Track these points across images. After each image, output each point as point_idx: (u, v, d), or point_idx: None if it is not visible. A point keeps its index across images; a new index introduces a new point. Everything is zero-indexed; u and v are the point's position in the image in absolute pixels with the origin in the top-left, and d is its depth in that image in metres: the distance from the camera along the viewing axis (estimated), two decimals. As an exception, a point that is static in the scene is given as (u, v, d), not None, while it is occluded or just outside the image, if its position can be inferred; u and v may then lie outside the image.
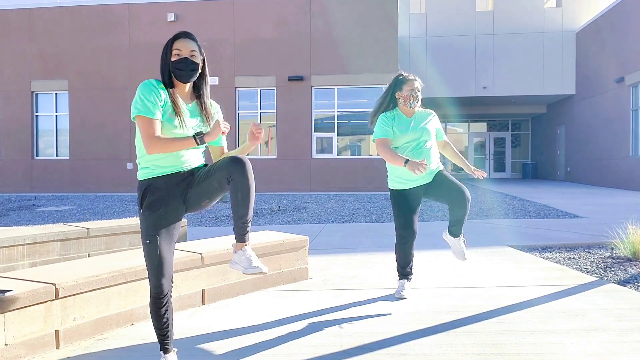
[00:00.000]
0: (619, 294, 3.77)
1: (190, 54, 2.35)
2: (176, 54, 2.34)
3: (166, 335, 2.43)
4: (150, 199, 2.41)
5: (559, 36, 19.48)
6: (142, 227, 2.41)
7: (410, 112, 3.71)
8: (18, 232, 4.70)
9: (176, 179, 2.40)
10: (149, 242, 2.36)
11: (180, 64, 2.33)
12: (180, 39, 2.36)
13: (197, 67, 2.37)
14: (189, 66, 2.34)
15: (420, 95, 3.67)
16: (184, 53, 2.34)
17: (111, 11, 16.39)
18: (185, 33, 2.39)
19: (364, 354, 2.70)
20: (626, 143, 15.66)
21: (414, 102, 3.64)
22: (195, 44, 2.38)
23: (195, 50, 2.37)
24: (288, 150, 15.78)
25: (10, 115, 16.70)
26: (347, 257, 5.37)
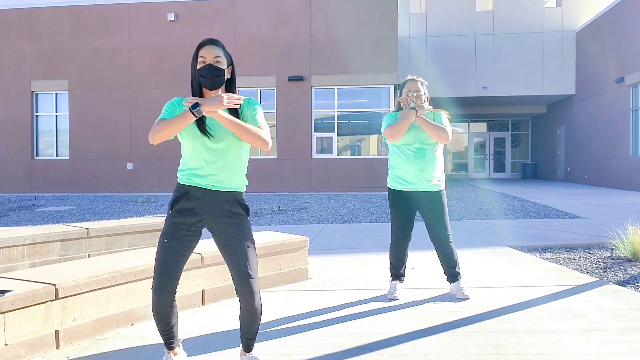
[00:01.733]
0: (619, 294, 3.77)
1: (214, 60, 2.32)
2: (201, 62, 2.32)
3: (169, 334, 2.44)
4: (185, 205, 2.35)
5: (559, 36, 19.49)
6: (164, 226, 2.38)
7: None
8: (18, 233, 4.70)
9: (216, 198, 2.33)
10: (166, 241, 2.33)
11: (204, 71, 2.30)
12: (205, 47, 2.34)
13: (222, 73, 2.33)
14: (212, 72, 2.30)
15: (417, 95, 3.61)
16: (208, 60, 2.31)
17: (111, 11, 16.39)
18: (210, 40, 2.36)
19: (364, 354, 2.70)
20: (626, 143, 15.66)
21: (410, 102, 3.63)
22: (220, 50, 2.34)
23: (220, 55, 2.33)
24: (288, 150, 15.78)
25: (10, 115, 16.70)
26: (347, 257, 5.37)
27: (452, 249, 3.74)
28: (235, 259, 2.32)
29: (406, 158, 3.66)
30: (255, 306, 2.33)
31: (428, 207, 3.70)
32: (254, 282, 2.32)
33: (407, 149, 3.66)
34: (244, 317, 2.38)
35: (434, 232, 3.72)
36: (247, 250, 2.33)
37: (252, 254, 2.35)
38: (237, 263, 2.32)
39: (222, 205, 2.35)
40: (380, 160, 15.49)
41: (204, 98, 2.28)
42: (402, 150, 3.68)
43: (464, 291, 3.73)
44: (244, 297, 2.32)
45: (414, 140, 3.64)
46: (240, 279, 2.31)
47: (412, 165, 3.64)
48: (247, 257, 2.32)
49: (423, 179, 3.65)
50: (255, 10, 15.86)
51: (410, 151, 3.64)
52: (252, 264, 2.33)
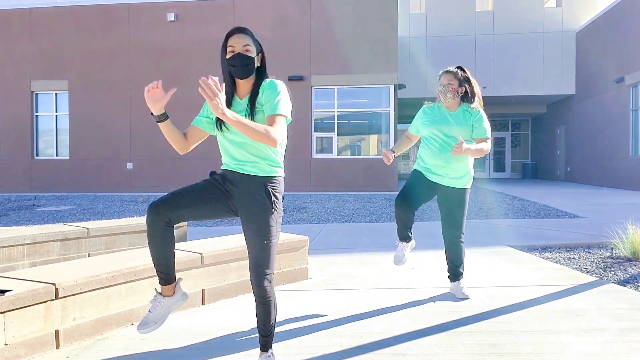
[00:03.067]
0: (619, 294, 3.77)
1: (244, 49, 2.29)
2: (230, 51, 2.30)
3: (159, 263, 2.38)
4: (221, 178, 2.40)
5: (559, 36, 19.48)
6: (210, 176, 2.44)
7: (451, 106, 3.65)
8: (18, 232, 4.70)
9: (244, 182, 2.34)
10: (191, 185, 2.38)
11: (234, 60, 2.28)
12: (234, 35, 2.30)
13: (251, 61, 2.30)
14: (242, 61, 2.28)
15: (448, 89, 3.56)
16: (237, 49, 2.28)
17: (111, 11, 16.38)
18: (238, 29, 2.33)
19: (364, 353, 2.70)
20: (626, 143, 15.66)
21: (442, 97, 3.62)
22: (249, 38, 2.32)
23: (249, 44, 2.30)
24: (288, 150, 15.50)
25: (10, 115, 16.69)
26: (347, 257, 5.37)
27: (461, 247, 3.71)
28: (253, 250, 2.31)
29: (432, 151, 3.62)
30: (267, 297, 2.31)
31: (447, 201, 3.66)
32: (268, 275, 2.30)
33: (434, 141, 3.62)
34: (258, 309, 2.35)
35: (447, 226, 3.66)
36: (266, 244, 2.30)
37: (270, 247, 2.31)
38: (253, 254, 2.31)
39: (251, 190, 2.33)
40: (380, 160, 15.47)
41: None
42: (430, 142, 3.64)
43: (463, 291, 3.72)
44: (257, 287, 2.30)
45: (437, 133, 3.61)
46: (254, 271, 2.30)
47: (437, 159, 3.60)
48: (264, 250, 2.29)
49: (448, 174, 3.60)
50: (255, 10, 15.86)
51: (438, 143, 3.60)
52: (269, 258, 2.30)
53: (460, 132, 3.56)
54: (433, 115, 3.67)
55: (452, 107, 3.66)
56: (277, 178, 2.38)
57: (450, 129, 3.58)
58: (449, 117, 3.62)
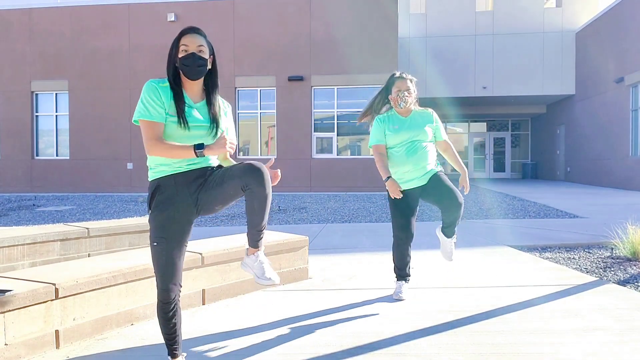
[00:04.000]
0: (619, 294, 3.77)
1: (197, 49, 2.25)
2: (183, 50, 2.25)
3: (174, 341, 2.34)
4: (159, 199, 2.28)
5: (559, 36, 19.49)
6: (150, 228, 2.30)
7: (404, 111, 3.70)
8: (18, 232, 4.70)
9: (186, 178, 2.28)
10: (156, 244, 2.26)
11: (187, 60, 2.24)
12: (188, 35, 2.27)
13: (205, 63, 2.27)
14: (196, 62, 2.24)
15: (408, 94, 3.61)
16: (191, 48, 2.25)
17: (111, 11, 16.39)
18: (192, 28, 2.30)
19: (364, 353, 2.70)
20: (626, 143, 15.66)
21: (402, 103, 3.62)
22: (203, 39, 2.28)
23: (203, 45, 2.27)
24: (288, 150, 15.78)
25: (11, 115, 16.70)
26: (347, 257, 5.37)
27: (461, 212, 3.65)
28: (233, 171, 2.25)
29: (399, 158, 3.64)
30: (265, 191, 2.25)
31: (430, 189, 3.65)
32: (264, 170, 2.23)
33: (398, 149, 3.65)
34: (254, 203, 2.26)
35: (453, 201, 3.56)
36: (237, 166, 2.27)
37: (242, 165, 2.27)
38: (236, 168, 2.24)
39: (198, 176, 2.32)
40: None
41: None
42: (394, 151, 3.66)
43: (452, 254, 3.80)
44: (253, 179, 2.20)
45: (403, 139, 3.63)
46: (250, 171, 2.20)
47: (406, 165, 3.62)
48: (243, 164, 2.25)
49: (418, 175, 3.64)
50: (255, 11, 15.86)
51: (402, 150, 3.63)
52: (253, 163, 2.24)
53: (423, 134, 3.64)
54: (392, 124, 3.67)
55: (406, 113, 3.70)
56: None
57: (414, 133, 3.63)
58: (406, 122, 3.66)
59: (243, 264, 2.40)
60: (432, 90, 18.74)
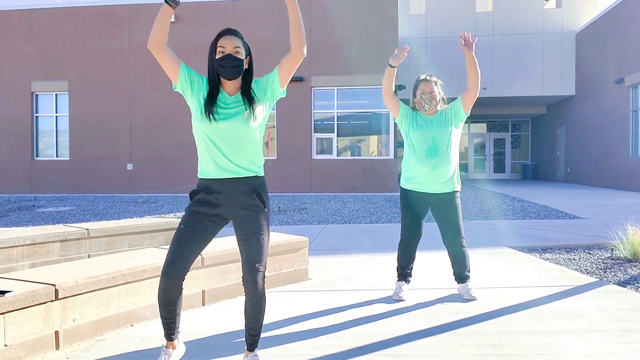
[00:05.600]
0: (619, 294, 3.77)
1: (234, 51, 2.33)
2: (220, 52, 2.33)
3: (170, 326, 2.45)
4: (203, 197, 2.41)
5: (559, 37, 19.49)
6: (183, 216, 2.44)
7: (430, 112, 3.67)
8: (18, 233, 4.70)
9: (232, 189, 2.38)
10: (183, 226, 2.39)
11: (224, 61, 2.32)
12: (225, 36, 2.35)
13: (241, 63, 2.35)
14: (232, 62, 2.32)
15: (432, 97, 3.60)
16: (227, 50, 2.33)
17: (111, 12, 16.39)
18: (229, 30, 2.37)
19: (364, 354, 2.70)
20: (626, 144, 15.66)
21: (425, 105, 3.63)
22: (239, 40, 2.37)
23: (239, 46, 2.35)
24: (288, 150, 15.78)
25: (11, 116, 16.70)
26: (347, 258, 5.37)
27: (464, 252, 3.71)
28: (249, 249, 2.35)
29: (418, 157, 3.60)
30: (261, 295, 2.36)
31: (441, 209, 3.65)
32: (262, 273, 2.35)
33: (419, 146, 3.61)
34: (248, 308, 2.40)
35: (446, 235, 3.68)
36: (261, 242, 2.36)
37: (264, 245, 2.38)
38: (249, 253, 2.35)
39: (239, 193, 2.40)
40: (380, 161, 15.49)
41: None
42: (415, 149, 3.63)
43: (471, 292, 3.71)
44: (252, 285, 2.34)
45: (426, 138, 3.60)
46: (251, 269, 2.34)
47: (424, 166, 3.58)
48: (260, 248, 2.36)
49: (435, 180, 3.59)
50: (255, 12, 15.87)
51: (423, 149, 3.59)
52: (262, 255, 2.36)
53: (446, 134, 3.61)
54: (418, 120, 3.67)
55: (432, 113, 3.69)
56: (261, 177, 2.45)
57: (436, 132, 3.60)
58: (433, 121, 3.65)
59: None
60: (432, 91, 18.70)
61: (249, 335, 2.46)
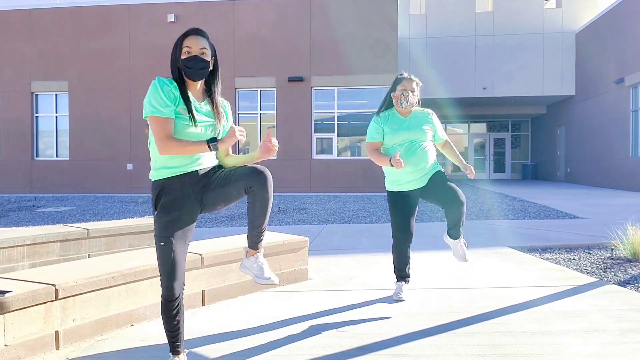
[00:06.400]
0: (619, 294, 3.77)
1: (200, 52, 2.29)
2: (186, 52, 2.29)
3: (176, 338, 2.40)
4: (165, 200, 2.32)
5: (559, 37, 19.49)
6: (155, 228, 2.34)
7: (405, 111, 3.69)
8: (18, 233, 4.70)
9: (191, 179, 2.33)
10: (163, 244, 2.30)
11: (190, 62, 2.28)
12: (191, 36, 2.31)
13: (207, 65, 2.32)
14: (198, 64, 2.28)
15: (412, 95, 3.61)
16: (194, 50, 2.29)
17: (111, 12, 16.39)
18: (195, 30, 2.33)
19: (364, 354, 2.70)
20: (626, 144, 15.66)
21: (404, 102, 3.61)
22: (205, 41, 2.33)
23: (206, 47, 2.31)
24: (288, 151, 15.78)
25: (10, 116, 16.70)
26: (347, 258, 5.37)
27: (464, 210, 3.60)
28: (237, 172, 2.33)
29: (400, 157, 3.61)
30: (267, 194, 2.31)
31: (430, 188, 3.63)
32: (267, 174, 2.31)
33: (397, 149, 3.61)
34: (256, 205, 2.34)
35: (449, 201, 3.55)
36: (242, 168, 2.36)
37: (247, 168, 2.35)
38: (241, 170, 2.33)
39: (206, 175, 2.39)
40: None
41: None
42: (392, 150, 3.63)
43: (465, 255, 3.73)
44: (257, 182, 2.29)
45: (403, 139, 3.62)
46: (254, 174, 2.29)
47: (406, 166, 3.56)
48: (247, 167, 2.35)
49: (418, 176, 3.62)
50: (255, 11, 15.87)
51: (402, 151, 3.59)
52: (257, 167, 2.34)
53: (422, 135, 3.63)
54: (392, 124, 3.65)
55: (406, 113, 3.69)
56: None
57: (413, 134, 3.62)
58: (406, 122, 3.66)
59: (242, 265, 2.48)
60: (432, 91, 18.73)
61: (256, 232, 2.40)
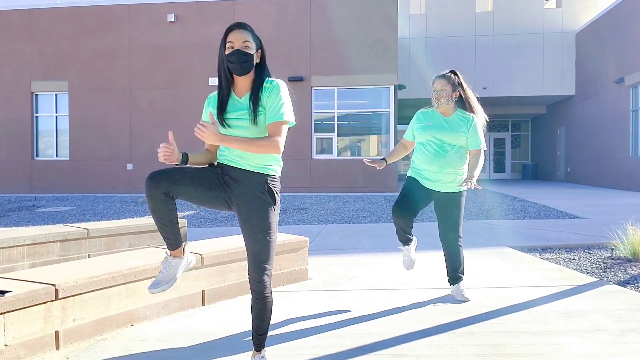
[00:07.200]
0: (619, 294, 3.77)
1: (243, 45, 2.25)
2: (229, 47, 2.25)
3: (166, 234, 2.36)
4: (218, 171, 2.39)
5: (559, 37, 19.49)
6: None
7: (446, 111, 3.61)
8: (18, 233, 4.70)
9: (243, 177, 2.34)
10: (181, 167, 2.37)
11: (232, 57, 2.24)
12: (233, 31, 2.27)
13: (251, 58, 2.26)
14: (240, 58, 2.24)
15: (442, 94, 3.55)
16: (236, 45, 2.24)
17: (111, 12, 16.39)
18: (238, 24, 2.29)
19: (364, 354, 2.70)
20: (626, 144, 15.67)
21: (435, 102, 3.60)
22: (249, 34, 2.28)
23: (249, 40, 2.26)
24: (288, 150, 15.56)
25: (10, 116, 16.69)
26: (347, 257, 5.37)
27: (459, 251, 3.67)
28: (254, 246, 2.31)
29: (427, 156, 3.57)
30: (266, 294, 2.34)
31: (443, 205, 3.62)
32: (268, 271, 2.32)
33: (429, 146, 3.57)
34: (256, 307, 2.36)
35: (444, 230, 3.64)
36: (267, 240, 2.30)
37: (271, 243, 2.32)
38: (255, 250, 2.31)
39: (252, 187, 2.33)
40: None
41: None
42: (424, 147, 3.59)
43: (464, 293, 3.70)
44: (257, 283, 2.31)
45: (432, 138, 3.57)
46: (255, 267, 2.30)
47: (432, 165, 3.55)
48: (266, 246, 2.30)
49: (442, 180, 3.56)
50: (255, 11, 15.86)
51: (432, 150, 3.55)
52: (269, 253, 2.31)
53: (454, 139, 3.52)
54: (427, 121, 3.63)
55: (447, 113, 3.62)
56: (276, 176, 2.40)
57: (445, 135, 3.54)
58: (444, 122, 3.58)
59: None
60: (432, 90, 18.71)
61: (255, 334, 2.42)
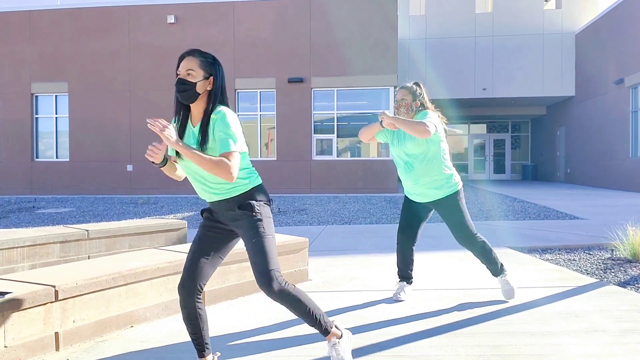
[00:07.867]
0: (619, 295, 3.77)
1: (185, 74, 2.22)
2: (176, 74, 2.26)
3: (197, 341, 2.39)
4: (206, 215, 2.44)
5: (559, 38, 19.50)
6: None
7: None
8: (18, 234, 4.69)
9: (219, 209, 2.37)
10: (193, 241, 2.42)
11: (175, 85, 2.25)
12: (183, 59, 2.27)
13: (191, 87, 2.21)
14: (179, 87, 2.23)
15: (401, 104, 3.50)
16: (180, 73, 2.24)
17: (111, 13, 16.41)
18: (189, 52, 2.28)
19: (364, 355, 2.70)
20: (626, 144, 15.67)
21: (395, 111, 3.58)
22: (195, 61, 2.24)
23: (192, 69, 2.22)
24: (288, 151, 15.78)
25: (10, 117, 16.70)
26: (347, 258, 5.37)
27: (481, 247, 3.57)
28: (251, 257, 2.31)
29: (401, 172, 3.61)
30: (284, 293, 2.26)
31: (441, 211, 3.60)
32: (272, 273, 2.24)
33: (400, 161, 3.58)
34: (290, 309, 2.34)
35: (454, 234, 3.59)
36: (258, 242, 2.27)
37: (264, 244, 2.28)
38: (252, 260, 2.30)
39: (225, 214, 2.36)
40: (380, 161, 15.49)
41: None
42: (398, 164, 3.62)
43: (512, 283, 3.64)
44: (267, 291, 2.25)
45: (400, 153, 3.55)
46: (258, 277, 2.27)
47: (407, 181, 3.58)
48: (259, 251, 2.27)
49: (422, 191, 3.54)
50: (255, 12, 15.88)
51: (402, 166, 3.57)
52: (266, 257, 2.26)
53: (415, 146, 3.42)
54: (392, 137, 3.59)
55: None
56: (247, 189, 2.33)
57: (407, 146, 3.47)
58: (404, 136, 3.49)
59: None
60: (432, 91, 18.69)
61: (313, 328, 2.40)
